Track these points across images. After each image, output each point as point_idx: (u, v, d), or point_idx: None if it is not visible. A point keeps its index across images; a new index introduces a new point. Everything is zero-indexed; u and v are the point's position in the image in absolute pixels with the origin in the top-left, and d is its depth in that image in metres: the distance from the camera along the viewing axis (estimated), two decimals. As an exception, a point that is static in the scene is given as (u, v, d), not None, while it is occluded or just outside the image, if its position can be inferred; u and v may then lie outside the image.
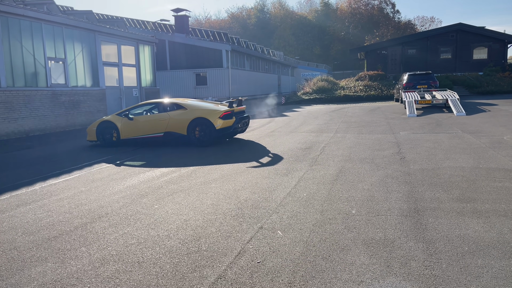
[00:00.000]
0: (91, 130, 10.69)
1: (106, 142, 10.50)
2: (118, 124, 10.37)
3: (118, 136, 10.37)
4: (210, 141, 9.88)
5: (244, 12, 79.88)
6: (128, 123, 10.30)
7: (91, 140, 10.76)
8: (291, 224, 4.25)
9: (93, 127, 10.67)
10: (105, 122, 10.50)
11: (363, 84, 29.57)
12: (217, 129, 9.73)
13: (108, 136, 10.47)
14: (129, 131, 10.31)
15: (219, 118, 9.73)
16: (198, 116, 9.83)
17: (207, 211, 4.79)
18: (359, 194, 5.22)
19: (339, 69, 64.96)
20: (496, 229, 3.84)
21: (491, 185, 5.35)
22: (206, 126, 9.82)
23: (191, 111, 10.02)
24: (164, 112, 10.24)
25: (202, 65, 33.04)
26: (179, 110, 10.12)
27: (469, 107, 16.84)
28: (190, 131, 9.86)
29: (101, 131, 10.52)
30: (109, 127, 10.46)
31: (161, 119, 10.09)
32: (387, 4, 73.90)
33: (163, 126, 10.03)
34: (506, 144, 8.24)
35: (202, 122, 9.82)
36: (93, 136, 10.61)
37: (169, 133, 10.02)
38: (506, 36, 33.01)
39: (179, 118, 9.96)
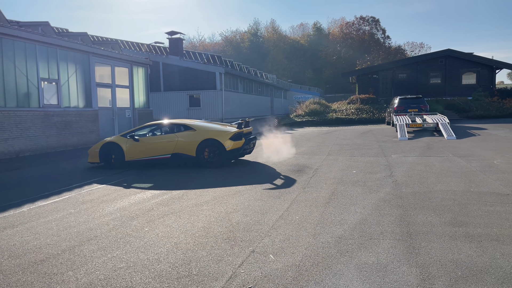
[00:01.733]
0: (93, 152, 10.40)
1: (110, 164, 10.24)
2: (123, 145, 10.12)
3: (123, 158, 10.11)
4: (220, 162, 9.76)
5: (238, 35, 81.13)
6: (133, 145, 10.08)
7: (93, 161, 10.44)
8: (284, 247, 4.20)
9: (95, 149, 10.38)
10: (109, 144, 10.26)
11: (354, 107, 29.90)
12: (227, 150, 9.68)
13: (112, 157, 10.21)
14: (134, 153, 10.08)
15: (229, 139, 9.69)
16: (208, 137, 9.76)
17: (198, 234, 4.73)
18: (352, 217, 5.19)
19: (331, 92, 65.75)
20: (489, 253, 3.83)
21: (482, 209, 5.36)
22: (216, 148, 9.74)
23: (200, 132, 9.95)
24: (171, 133, 10.13)
25: (196, 87, 33.27)
26: (187, 131, 10.03)
27: (459, 131, 17.05)
28: (199, 153, 9.74)
29: (104, 153, 10.24)
30: (113, 148, 10.19)
31: (169, 140, 9.96)
32: (377, 29, 75.63)
33: (170, 147, 9.90)
34: (496, 168, 8.31)
35: (212, 143, 9.74)
36: (96, 158, 10.33)
37: (177, 155, 9.88)
38: (494, 62, 33.82)
39: (188, 139, 9.86)
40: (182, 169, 9.65)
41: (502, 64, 33.65)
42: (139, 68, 19.72)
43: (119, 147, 10.15)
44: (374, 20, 75.41)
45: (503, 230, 4.48)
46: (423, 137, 15.59)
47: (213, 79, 32.67)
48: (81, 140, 15.52)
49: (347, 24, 76.31)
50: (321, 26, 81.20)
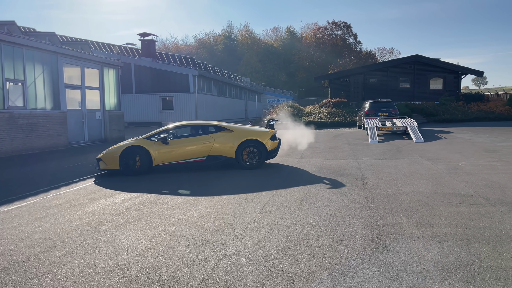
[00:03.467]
0: (110, 157, 9.26)
1: (132, 170, 9.26)
2: (151, 149, 9.29)
3: (150, 162, 9.29)
4: (260, 163, 9.73)
5: (212, 38, 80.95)
6: (163, 148, 9.35)
7: (109, 168, 9.31)
8: (256, 250, 4.20)
9: (114, 153, 9.27)
10: (133, 147, 9.28)
11: (327, 110, 30.33)
12: (269, 151, 9.72)
13: (137, 163, 9.28)
14: (164, 157, 9.37)
15: (269, 139, 9.76)
16: (249, 138, 9.63)
17: (169, 238, 4.66)
18: (323, 219, 5.25)
19: (304, 96, 66.53)
20: (454, 253, 3.95)
21: (448, 209, 5.54)
22: (257, 148, 9.67)
23: (239, 133, 9.75)
24: (203, 134, 9.71)
25: (169, 89, 32.93)
26: (222, 132, 9.72)
27: (427, 134, 17.58)
28: (239, 154, 9.57)
29: (127, 158, 9.23)
30: (139, 152, 9.27)
31: (204, 142, 9.54)
32: (349, 34, 77.16)
33: (206, 149, 9.52)
34: (461, 170, 8.61)
35: (253, 144, 9.64)
36: (114, 164, 9.23)
37: (213, 157, 9.56)
38: (459, 67, 35.09)
39: (226, 141, 9.58)
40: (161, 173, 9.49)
41: (467, 70, 34.97)
42: (110, 70, 19.32)
43: (145, 151, 9.27)
44: (346, 26, 76.93)
45: (467, 230, 4.64)
46: (393, 140, 15.97)
47: (186, 81, 32.43)
48: (49, 143, 15.04)
49: (319, 28, 77.49)
50: (294, 31, 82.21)
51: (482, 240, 4.29)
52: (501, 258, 3.77)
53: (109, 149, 9.60)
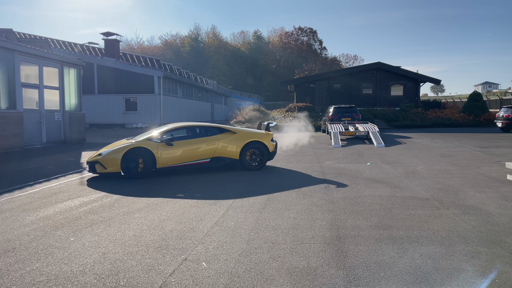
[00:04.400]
0: (111, 159, 8.71)
1: (135, 173, 8.83)
2: (155, 150, 8.94)
3: (154, 165, 8.97)
4: (263, 164, 9.95)
5: (178, 39, 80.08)
6: (167, 150, 9.06)
7: (108, 172, 8.74)
8: (217, 254, 4.17)
9: (115, 155, 8.72)
10: (136, 149, 8.84)
11: (292, 115, 30.69)
12: (270, 152, 10.02)
13: (140, 165, 8.86)
14: (169, 159, 9.10)
15: (270, 141, 10.07)
16: (253, 140, 9.80)
17: (128, 243, 4.54)
18: (285, 223, 5.29)
19: (271, 100, 67.00)
20: (409, 254, 4.08)
21: (405, 212, 5.73)
22: (260, 150, 9.87)
23: (242, 134, 9.87)
24: (206, 136, 9.61)
25: (133, 90, 32.26)
26: (225, 134, 9.75)
27: (388, 139, 18.14)
28: (242, 155, 9.71)
29: (129, 160, 8.78)
30: (142, 154, 8.87)
31: (209, 144, 9.46)
32: (315, 40, 78.52)
33: (211, 151, 9.45)
34: (419, 174, 8.94)
35: (256, 145, 9.83)
36: (115, 167, 8.72)
37: (218, 158, 9.55)
38: (418, 75, 36.51)
39: (230, 142, 9.64)
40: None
41: (426, 78, 36.44)
42: (71, 69, 18.69)
43: (150, 153, 8.91)
44: (311, 31, 78.26)
45: (422, 232, 4.81)
46: (355, 144, 16.36)
47: (151, 83, 31.90)
48: (3, 145, 14.33)
49: (286, 33, 78.40)
50: (261, 35, 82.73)
51: (436, 242, 4.46)
52: (452, 259, 3.93)
53: (107, 151, 8.93)
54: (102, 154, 8.92)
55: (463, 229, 4.88)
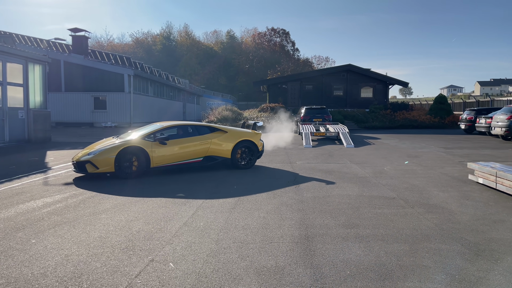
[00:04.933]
0: (104, 159, 8.40)
1: (128, 173, 8.61)
2: (149, 150, 8.79)
3: (148, 164, 8.80)
4: (253, 163, 10.18)
5: (150, 38, 78.83)
6: (161, 149, 8.95)
7: (102, 171, 8.45)
8: (185, 255, 4.12)
9: (108, 154, 8.43)
10: (131, 148, 8.64)
11: (265, 115, 30.80)
12: (259, 151, 10.31)
13: (134, 165, 8.69)
14: (162, 158, 8.98)
15: (259, 140, 10.34)
16: (244, 139, 9.97)
17: (93, 245, 4.43)
18: (255, 222, 5.29)
19: (244, 100, 66.97)
20: (375, 252, 4.17)
21: (372, 211, 5.85)
22: (250, 149, 10.09)
23: (233, 133, 9.99)
24: (198, 135, 9.60)
25: (102, 88, 31.50)
26: (217, 133, 9.80)
27: (357, 140, 18.49)
28: (234, 154, 9.81)
29: (123, 160, 8.55)
30: (136, 153, 8.70)
31: (202, 143, 9.49)
32: (287, 42, 79.14)
33: (203, 150, 9.49)
34: (386, 174, 9.15)
35: (246, 145, 10.01)
36: (109, 166, 8.43)
37: (210, 157, 9.61)
38: (387, 78, 37.41)
39: (222, 141, 9.73)
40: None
41: (394, 80, 37.40)
42: (36, 66, 18.05)
43: (144, 152, 8.74)
44: (284, 33, 78.81)
45: (388, 230, 4.93)
46: (326, 145, 16.59)
47: (121, 81, 31.25)
48: (-38, 143, 13.68)
49: (259, 34, 78.62)
50: (235, 35, 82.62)
51: (400, 239, 4.57)
52: (415, 256, 4.04)
53: (99, 150, 8.57)
54: (92, 153, 8.58)
55: (426, 227, 5.03)
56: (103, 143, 9.31)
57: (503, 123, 17.34)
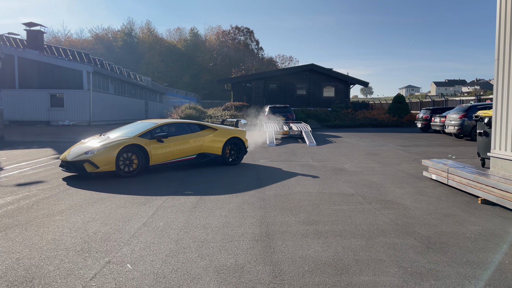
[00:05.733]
0: (105, 158, 8.21)
1: (130, 172, 8.55)
2: (148, 147, 8.76)
3: (147, 163, 8.76)
4: (241, 159, 10.64)
5: (110, 34, 76.66)
6: (158, 146, 8.97)
7: (103, 170, 8.23)
8: (143, 256, 4.05)
9: (110, 153, 8.26)
10: (131, 146, 8.53)
11: (229, 113, 30.73)
12: (246, 148, 10.76)
13: (134, 163, 8.61)
14: (160, 156, 9.00)
15: (245, 137, 10.81)
16: (232, 136, 10.36)
17: (46, 248, 4.26)
18: (216, 221, 5.28)
19: (208, 98, 66.55)
20: (333, 248, 4.27)
21: (331, 208, 5.98)
22: (238, 146, 10.54)
23: (223, 131, 10.33)
24: (191, 133, 9.79)
25: (59, 85, 30.35)
26: (207, 131, 10.09)
27: (320, 138, 18.83)
28: (224, 151, 10.17)
29: (123, 158, 8.47)
30: (137, 152, 8.62)
31: (196, 140, 9.73)
32: (252, 40, 79.37)
33: (197, 147, 9.71)
34: (346, 172, 9.38)
35: (235, 142, 10.46)
36: (110, 165, 8.25)
37: (203, 154, 9.89)
38: (349, 78, 38.33)
39: (214, 139, 10.05)
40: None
41: (355, 80, 38.38)
42: (-13, 60, 17.12)
43: (144, 150, 8.70)
44: (248, 31, 78.99)
45: (346, 226, 5.06)
46: (289, 143, 16.78)
47: (80, 78, 30.21)
48: None
49: (223, 32, 78.37)
50: (198, 32, 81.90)
51: (357, 235, 4.70)
52: (371, 251, 4.17)
53: (101, 148, 8.32)
54: (90, 152, 8.30)
55: (382, 222, 5.20)
56: (89, 142, 9.05)
57: (455, 122, 18.21)
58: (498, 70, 7.88)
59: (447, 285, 3.39)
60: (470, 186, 6.52)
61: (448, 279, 3.49)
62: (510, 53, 7.58)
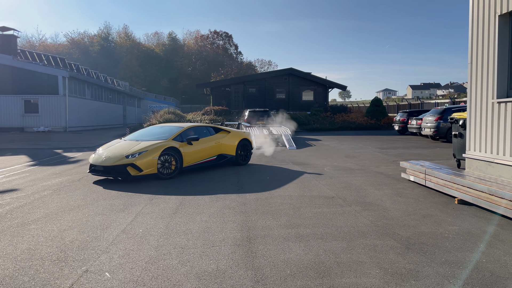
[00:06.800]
0: (149, 161, 8.50)
1: (168, 174, 8.92)
2: (181, 150, 9.23)
3: (182, 164, 9.20)
4: (249, 159, 11.50)
5: (86, 38, 75.34)
6: (188, 149, 9.50)
7: (146, 173, 8.50)
8: (122, 263, 3.95)
9: (152, 156, 8.56)
10: (169, 149, 8.91)
11: (209, 118, 30.58)
12: (252, 149, 11.66)
13: (172, 165, 8.99)
14: (190, 157, 9.54)
15: (251, 139, 11.71)
16: (243, 138, 11.20)
17: (20, 258, 4.11)
18: (197, 226, 5.22)
19: (187, 103, 66.09)
20: (314, 251, 4.27)
21: (312, 211, 6.00)
22: (247, 147, 11.37)
23: (235, 133, 11.13)
24: (209, 135, 10.45)
25: (34, 91, 29.62)
26: (222, 133, 10.83)
27: (299, 142, 18.93)
28: (237, 152, 10.96)
29: (163, 160, 8.82)
30: (174, 154, 9.01)
31: (216, 142, 10.40)
32: (230, 45, 79.38)
33: (216, 149, 10.38)
34: (326, 175, 9.44)
35: (245, 143, 11.28)
36: (152, 168, 8.57)
37: (222, 156, 10.58)
38: (327, 81, 38.76)
39: (229, 140, 10.79)
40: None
41: (334, 84, 38.83)
42: (-44, 65, 16.53)
43: (179, 152, 9.14)
44: (227, 36, 78.99)
45: (327, 229, 5.07)
46: (269, 147, 16.79)
47: (55, 83, 29.56)
48: None
49: (202, 37, 78.12)
50: (177, 37, 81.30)
51: (338, 237, 4.73)
52: (352, 253, 4.19)
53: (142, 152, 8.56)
54: (132, 155, 8.52)
55: (362, 224, 5.24)
56: (119, 146, 9.23)
57: (431, 124, 18.62)
58: (472, 73, 8.10)
59: (427, 285, 3.43)
60: (447, 187, 6.66)
61: (428, 279, 3.54)
62: (482, 56, 7.81)
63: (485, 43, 7.75)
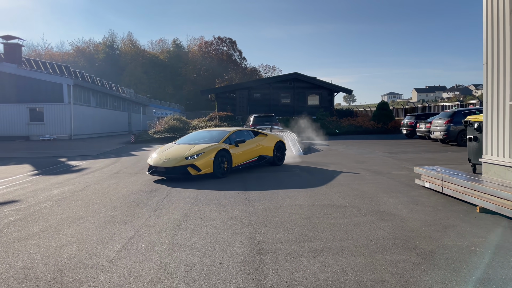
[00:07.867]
0: (206, 161, 9.48)
1: (222, 173, 9.86)
2: (231, 151, 10.20)
3: (231, 164, 10.12)
4: (283, 160, 12.30)
5: (92, 46, 75.67)
6: (236, 150, 10.40)
7: (204, 173, 9.48)
8: (122, 284, 3.65)
9: (208, 157, 9.54)
10: (222, 150, 9.86)
11: (214, 124, 30.35)
12: (285, 150, 12.43)
13: (225, 165, 9.94)
14: (238, 159, 10.42)
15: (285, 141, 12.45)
16: (279, 140, 12.07)
17: (13, 278, 3.82)
18: (203, 240, 4.90)
19: (192, 109, 65.98)
20: (330, 268, 3.93)
21: (325, 222, 5.65)
22: (282, 149, 12.17)
23: (271, 136, 11.97)
24: (250, 138, 11.21)
25: (39, 99, 29.58)
26: (260, 136, 11.62)
27: (306, 147, 18.56)
28: (274, 154, 11.78)
29: (218, 161, 9.73)
30: (225, 155, 9.96)
31: (257, 145, 11.21)
32: (234, 50, 79.34)
33: (257, 151, 11.20)
34: (336, 181, 9.07)
35: (279, 145, 12.05)
36: (209, 167, 9.54)
37: (262, 157, 11.40)
38: (332, 86, 38.40)
39: (268, 143, 11.61)
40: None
41: (339, 88, 38.47)
42: (-41, 74, 16.42)
43: (229, 154, 10.09)
44: (231, 42, 78.99)
45: (342, 242, 4.73)
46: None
47: (60, 91, 29.51)
48: None
49: (206, 43, 78.15)
50: (181, 43, 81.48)
51: (356, 252, 4.38)
52: (372, 270, 3.85)
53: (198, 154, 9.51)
54: (191, 157, 9.44)
55: (380, 237, 4.89)
56: (175, 149, 10.09)
57: (441, 127, 18.20)
58: (487, 74, 7.75)
59: (459, 308, 3.08)
60: (467, 194, 6.29)
61: (459, 301, 3.19)
62: (498, 56, 7.46)
63: (501, 42, 7.41)
